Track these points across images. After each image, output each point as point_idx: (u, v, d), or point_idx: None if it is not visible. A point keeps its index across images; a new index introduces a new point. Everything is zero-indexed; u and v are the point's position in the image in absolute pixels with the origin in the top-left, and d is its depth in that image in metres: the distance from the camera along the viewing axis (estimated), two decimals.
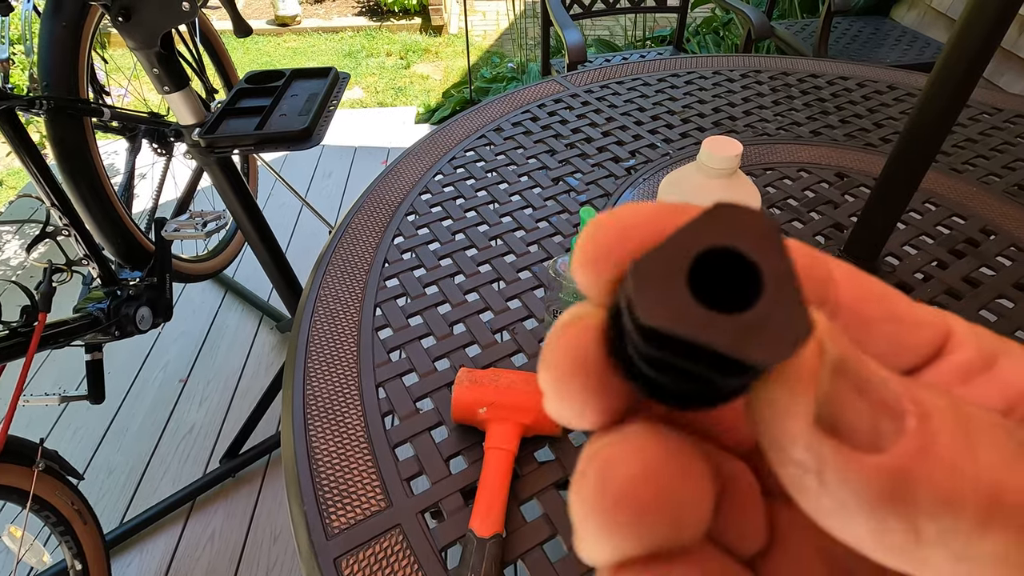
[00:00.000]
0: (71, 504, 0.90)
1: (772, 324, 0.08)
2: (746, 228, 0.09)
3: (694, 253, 0.09)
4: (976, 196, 0.77)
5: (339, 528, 0.46)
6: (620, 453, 0.09)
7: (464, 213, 0.76)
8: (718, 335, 0.08)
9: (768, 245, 0.09)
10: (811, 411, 0.08)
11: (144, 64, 0.79)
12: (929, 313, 0.11)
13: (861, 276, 0.11)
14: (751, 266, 0.08)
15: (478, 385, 0.49)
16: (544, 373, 0.10)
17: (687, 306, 0.08)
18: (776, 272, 0.08)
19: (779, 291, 0.08)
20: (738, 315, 0.08)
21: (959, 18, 0.50)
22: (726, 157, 0.41)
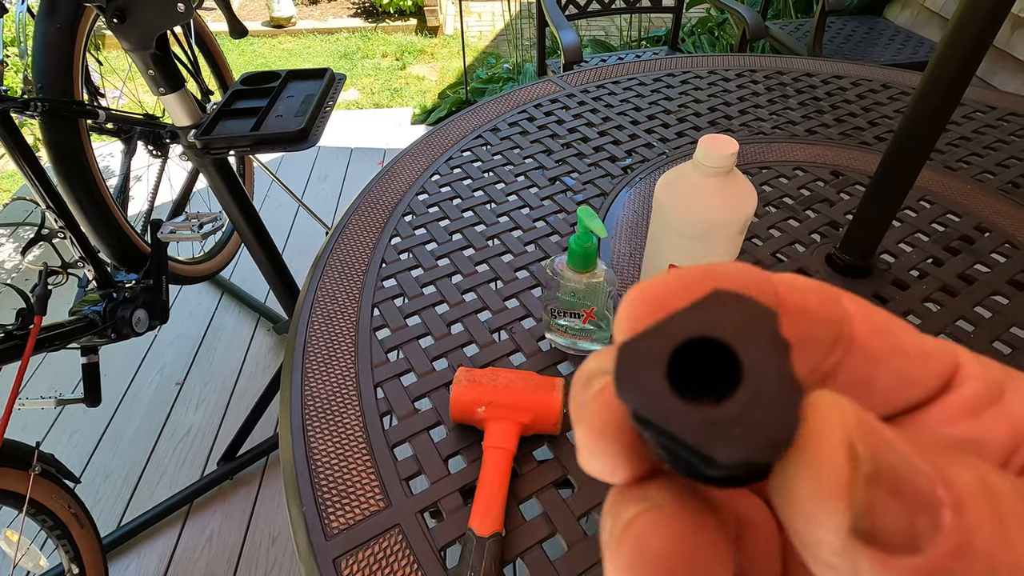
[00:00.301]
0: (67, 508, 0.89)
1: (747, 421, 0.08)
2: (739, 317, 0.08)
3: (677, 341, 0.09)
4: (970, 194, 0.78)
5: (338, 528, 0.46)
6: (653, 526, 0.09)
7: (461, 213, 0.76)
8: (684, 425, 0.08)
9: (758, 337, 0.08)
10: (846, 523, 0.08)
11: (139, 66, 0.79)
12: (936, 346, 0.11)
13: (870, 309, 0.11)
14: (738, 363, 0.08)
15: (476, 384, 0.49)
16: (578, 429, 0.10)
17: (659, 393, 0.08)
18: (759, 367, 0.08)
19: (760, 387, 0.08)
20: (710, 407, 0.08)
21: (952, 17, 0.51)
22: (722, 156, 0.41)
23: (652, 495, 0.09)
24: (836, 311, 0.10)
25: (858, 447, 0.08)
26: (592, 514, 0.46)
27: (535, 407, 0.48)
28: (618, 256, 0.70)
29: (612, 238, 0.72)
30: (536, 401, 0.48)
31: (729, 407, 0.08)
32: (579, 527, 0.45)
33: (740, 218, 0.43)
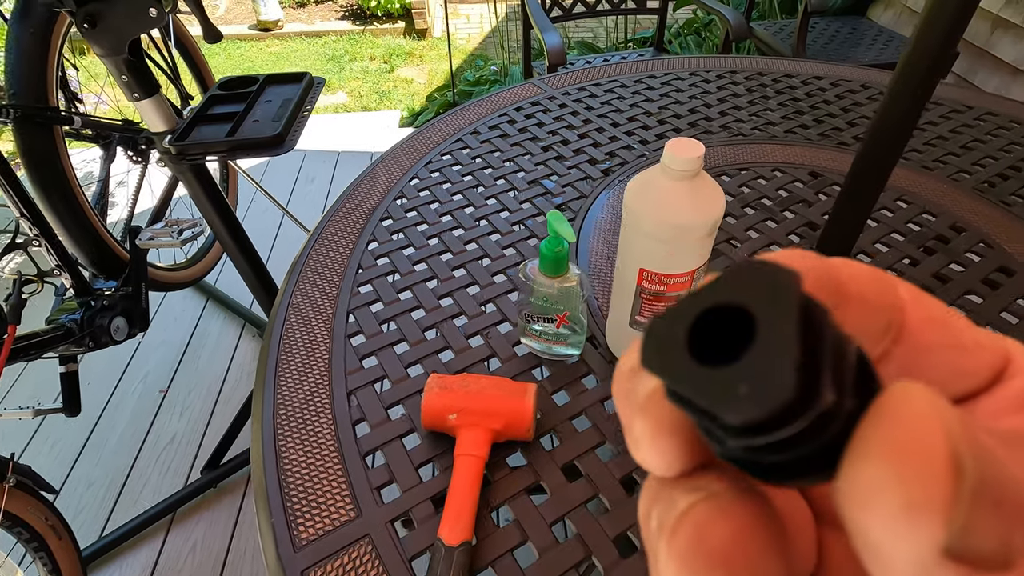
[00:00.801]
0: (44, 519, 0.88)
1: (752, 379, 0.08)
2: (759, 282, 0.08)
3: (699, 309, 0.09)
4: (946, 193, 0.78)
5: (307, 539, 0.45)
6: (712, 514, 0.09)
7: (439, 217, 0.76)
8: (697, 387, 0.08)
9: (775, 299, 0.08)
10: (940, 542, 0.07)
11: (112, 71, 0.78)
12: (988, 338, 0.10)
13: (925, 299, 0.11)
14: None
15: (448, 391, 0.49)
16: (639, 425, 0.10)
17: (677, 357, 0.08)
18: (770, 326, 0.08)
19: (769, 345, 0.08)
20: (721, 368, 0.08)
21: (920, 16, 0.51)
22: (688, 159, 0.41)
23: (706, 484, 0.09)
24: (891, 299, 0.10)
25: (965, 459, 0.07)
26: (565, 519, 0.46)
27: (507, 413, 0.48)
28: (596, 258, 0.70)
29: (590, 240, 0.72)
30: (508, 407, 0.48)
31: (737, 366, 0.08)
32: (551, 534, 0.45)
33: (708, 221, 0.43)
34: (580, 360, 0.57)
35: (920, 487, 0.07)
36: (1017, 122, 0.92)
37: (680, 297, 0.09)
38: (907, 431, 0.07)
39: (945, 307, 0.11)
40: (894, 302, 0.10)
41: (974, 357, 0.10)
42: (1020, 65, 1.77)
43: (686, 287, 0.48)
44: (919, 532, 0.07)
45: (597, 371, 0.57)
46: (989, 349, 0.10)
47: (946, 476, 0.07)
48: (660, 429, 0.09)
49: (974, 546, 0.07)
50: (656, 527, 0.09)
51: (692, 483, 0.09)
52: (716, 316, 0.09)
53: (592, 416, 0.53)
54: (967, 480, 0.07)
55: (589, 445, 0.51)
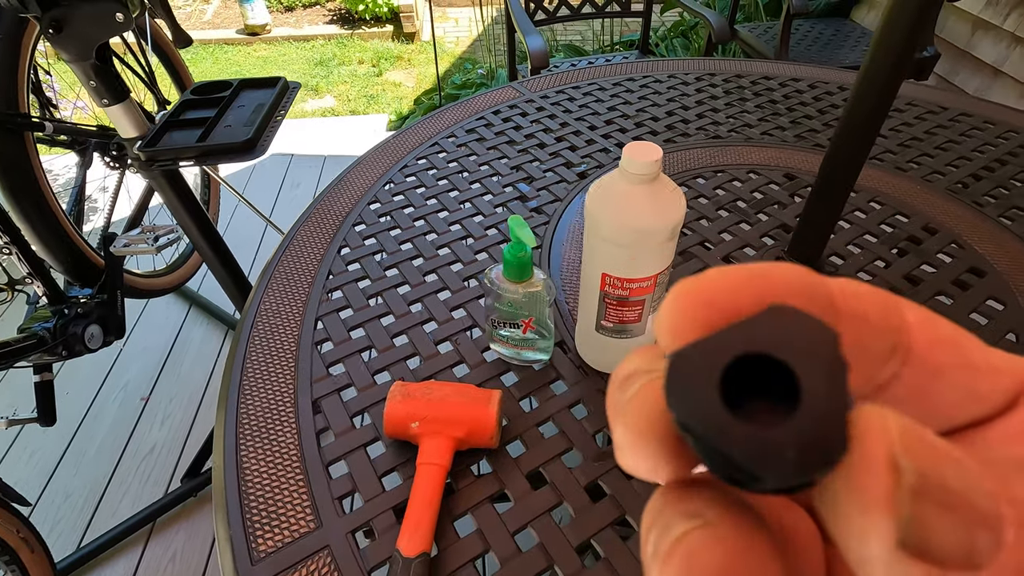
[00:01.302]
0: (16, 532, 0.86)
1: (802, 446, 0.08)
2: (800, 336, 0.08)
3: (733, 355, 0.08)
4: (919, 194, 0.78)
5: (266, 552, 0.44)
6: (704, 544, 0.09)
7: (413, 222, 0.75)
8: (735, 444, 0.08)
9: (818, 359, 0.08)
10: (892, 536, 0.07)
11: (81, 77, 0.77)
12: (1004, 360, 0.10)
13: (935, 320, 0.10)
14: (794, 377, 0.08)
15: (410, 399, 0.48)
16: (620, 430, 0.10)
17: (711, 408, 0.08)
18: (817, 391, 0.08)
19: (816, 411, 0.08)
20: (763, 427, 0.08)
21: (881, 17, 0.51)
22: (646, 163, 0.41)
23: (702, 510, 0.09)
24: (895, 320, 0.10)
25: (900, 459, 0.08)
26: (529, 528, 0.45)
27: (469, 421, 0.47)
28: (569, 262, 0.69)
29: (564, 244, 0.72)
30: (471, 415, 0.47)
31: (784, 430, 0.08)
32: (513, 543, 0.44)
33: (668, 225, 0.43)
34: (549, 365, 0.57)
35: (868, 488, 0.08)
36: (991, 123, 0.93)
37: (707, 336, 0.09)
38: (856, 443, 0.08)
39: (956, 328, 0.10)
40: (898, 324, 0.10)
41: (988, 380, 0.10)
42: (1000, 66, 1.78)
43: (649, 291, 0.47)
44: (875, 530, 0.08)
45: (566, 376, 0.56)
46: (1005, 373, 0.10)
47: (885, 475, 0.08)
48: (638, 432, 0.09)
49: (933, 544, 0.07)
50: (652, 551, 0.09)
51: (689, 506, 0.09)
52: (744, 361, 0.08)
53: (559, 422, 0.52)
54: (906, 477, 0.08)
55: (555, 451, 0.50)
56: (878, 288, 0.10)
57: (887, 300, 0.10)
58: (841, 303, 0.10)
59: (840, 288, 0.10)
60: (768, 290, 0.09)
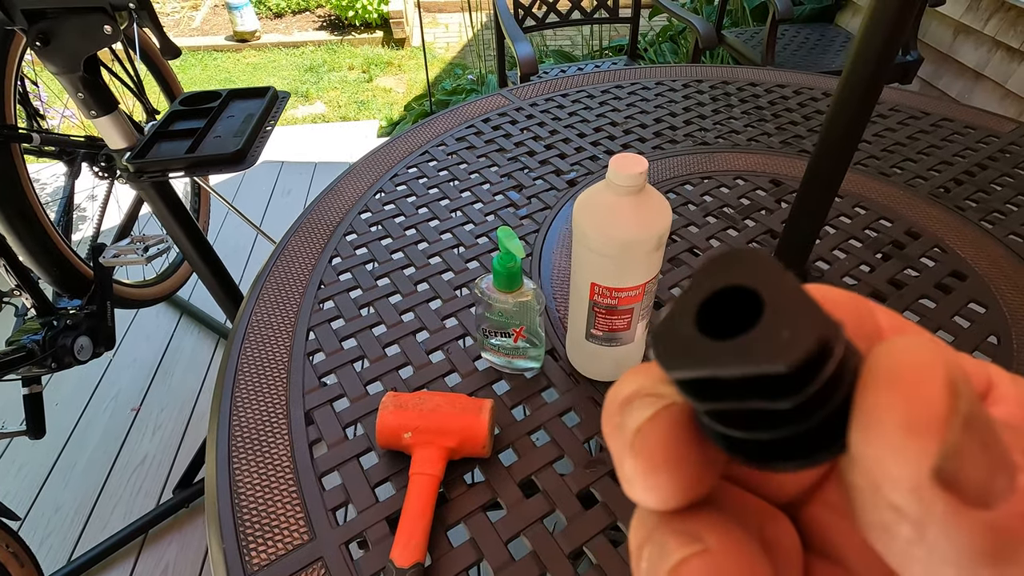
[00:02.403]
0: (5, 547, 0.85)
1: (779, 331, 0.08)
2: (757, 267, 0.09)
3: (698, 300, 0.09)
4: (903, 199, 0.80)
5: (259, 565, 0.45)
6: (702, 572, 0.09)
7: (404, 231, 0.76)
8: (725, 359, 0.08)
9: (768, 272, 0.09)
10: (932, 462, 0.07)
11: (68, 89, 0.77)
12: (971, 364, 0.10)
13: (904, 324, 0.11)
14: (757, 296, 0.09)
15: (403, 409, 0.49)
16: (631, 462, 0.10)
17: (693, 346, 0.08)
18: (778, 294, 0.08)
19: (781, 303, 0.08)
20: (742, 336, 0.08)
21: (861, 22, 0.52)
22: (631, 175, 0.41)
23: (701, 534, 0.09)
24: (868, 326, 0.10)
25: (960, 385, 0.08)
26: (522, 536, 0.46)
27: (461, 431, 0.47)
28: (559, 270, 0.70)
29: (554, 252, 0.72)
30: (462, 425, 0.48)
31: (762, 326, 0.08)
32: (507, 551, 0.45)
33: (654, 235, 0.44)
34: (540, 373, 0.57)
35: (923, 406, 0.08)
36: (972, 127, 0.94)
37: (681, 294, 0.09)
38: (910, 362, 0.08)
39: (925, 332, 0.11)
40: (872, 329, 0.10)
41: None
42: (982, 69, 1.81)
43: (637, 300, 0.48)
44: (917, 449, 0.07)
45: (557, 384, 0.57)
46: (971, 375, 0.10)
47: (944, 398, 0.07)
48: (653, 466, 0.09)
49: (962, 475, 0.07)
50: (646, 571, 0.09)
51: (686, 529, 0.09)
52: (713, 307, 0.09)
53: (551, 430, 0.53)
54: (962, 403, 0.08)
55: (547, 459, 0.51)
56: (853, 293, 0.10)
57: (861, 306, 0.10)
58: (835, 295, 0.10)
59: (819, 296, 0.10)
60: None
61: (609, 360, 0.54)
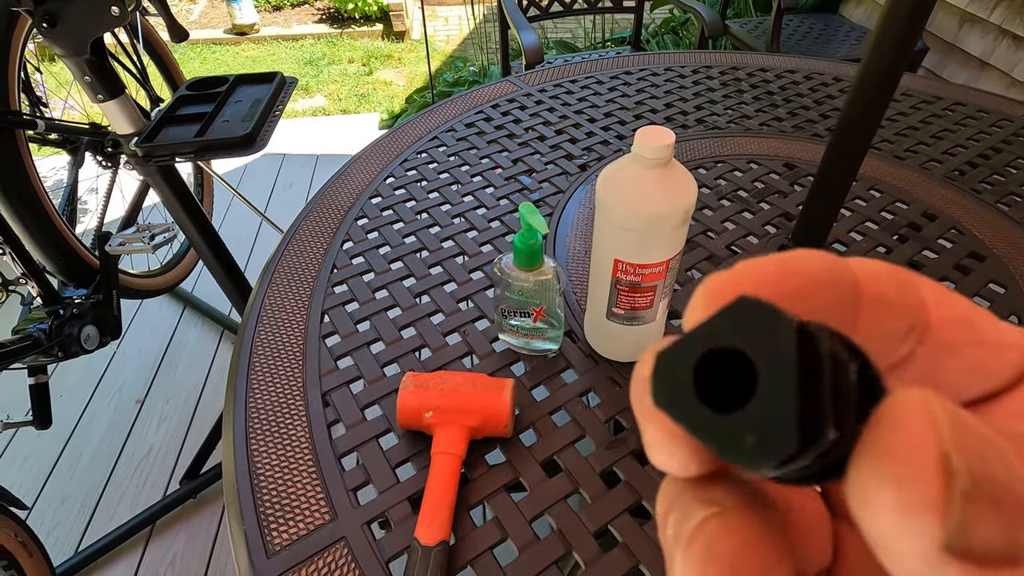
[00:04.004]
0: (14, 536, 0.85)
1: (759, 431, 0.08)
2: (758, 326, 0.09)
3: (699, 352, 0.09)
4: (918, 182, 0.79)
5: (281, 545, 0.44)
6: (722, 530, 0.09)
7: (416, 215, 0.75)
8: (707, 435, 0.09)
9: (776, 345, 0.08)
10: (939, 538, 0.07)
11: (75, 72, 0.76)
12: (1015, 335, 0.10)
13: (950, 297, 0.10)
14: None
15: (423, 389, 0.48)
16: (651, 429, 0.10)
17: (685, 401, 0.09)
18: (772, 378, 0.08)
19: (770, 396, 0.08)
20: (727, 415, 0.08)
21: (881, 10, 0.51)
22: (658, 147, 0.41)
23: (719, 498, 0.10)
24: (913, 298, 0.10)
25: (954, 460, 0.07)
26: (546, 515, 0.45)
27: (484, 410, 0.47)
28: (573, 253, 0.69)
29: (568, 235, 0.72)
30: (485, 403, 0.47)
31: (741, 415, 0.08)
32: (531, 531, 0.44)
33: (680, 209, 0.43)
34: (559, 354, 0.57)
35: (914, 488, 0.07)
36: (985, 111, 0.94)
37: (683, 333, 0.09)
38: (902, 435, 0.08)
39: (970, 304, 0.10)
40: (916, 302, 0.10)
41: (998, 355, 0.10)
42: (987, 58, 1.81)
43: (661, 277, 0.47)
44: (919, 531, 0.07)
45: (576, 365, 0.56)
46: (1015, 347, 0.10)
47: (937, 477, 0.07)
48: (670, 435, 0.10)
49: (977, 543, 0.07)
50: (672, 535, 0.10)
51: (707, 495, 0.10)
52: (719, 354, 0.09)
53: (571, 410, 0.52)
54: (959, 480, 0.07)
55: (568, 440, 0.50)
56: (896, 266, 0.10)
57: (905, 279, 0.10)
58: (865, 286, 0.10)
59: (862, 270, 0.10)
60: (793, 280, 0.09)
61: (630, 339, 0.53)
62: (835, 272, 0.10)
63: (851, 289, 0.10)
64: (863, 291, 0.10)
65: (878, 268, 0.10)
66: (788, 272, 0.09)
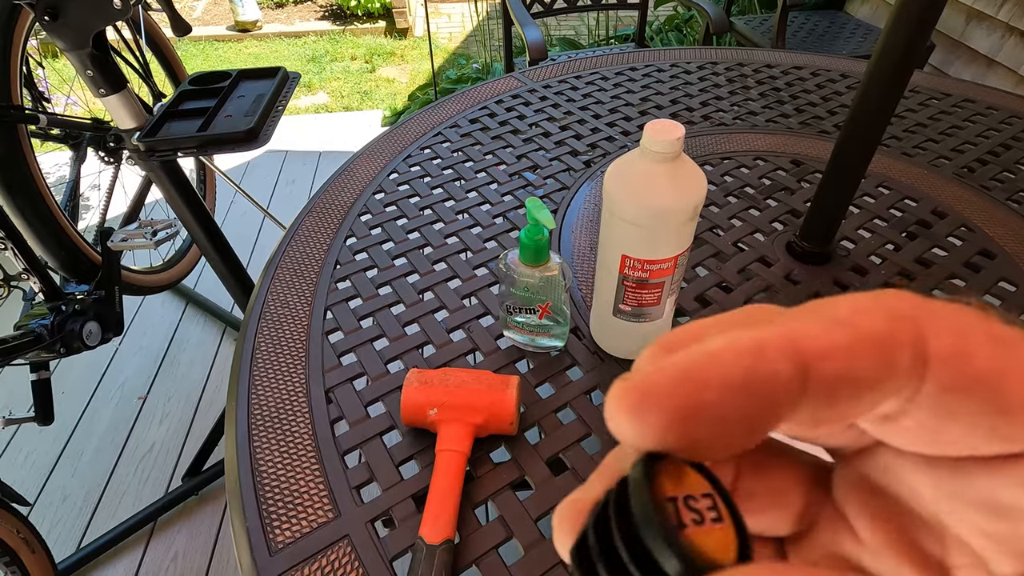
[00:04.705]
0: (16, 532, 0.85)
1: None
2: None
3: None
4: (927, 179, 0.78)
5: (284, 543, 0.43)
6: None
7: (419, 211, 0.74)
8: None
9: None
10: None
11: (77, 66, 0.75)
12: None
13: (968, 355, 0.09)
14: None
15: (428, 386, 0.47)
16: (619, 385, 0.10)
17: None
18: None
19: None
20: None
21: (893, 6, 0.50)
22: (667, 141, 0.40)
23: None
24: (900, 365, 0.09)
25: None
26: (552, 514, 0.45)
27: (488, 407, 0.46)
28: (579, 250, 0.69)
29: (573, 232, 0.71)
30: (489, 401, 0.46)
31: None
32: (536, 529, 0.44)
33: (690, 204, 0.42)
34: (564, 352, 0.56)
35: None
36: (994, 108, 0.93)
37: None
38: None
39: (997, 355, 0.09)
40: (904, 367, 0.09)
41: (1017, 424, 0.09)
42: (994, 56, 1.79)
43: (669, 273, 0.47)
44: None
45: (582, 362, 0.55)
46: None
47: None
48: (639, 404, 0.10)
49: None
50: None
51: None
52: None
53: (577, 408, 0.52)
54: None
55: (574, 438, 0.50)
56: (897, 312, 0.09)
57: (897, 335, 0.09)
58: (815, 370, 0.09)
59: (818, 345, 0.09)
60: (702, 397, 0.09)
61: (636, 337, 0.52)
62: (753, 374, 0.09)
63: (777, 385, 0.09)
64: (811, 375, 0.09)
65: (844, 339, 0.09)
66: (696, 387, 0.09)
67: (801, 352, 0.09)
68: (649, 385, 0.09)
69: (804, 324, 0.09)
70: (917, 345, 0.09)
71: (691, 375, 0.09)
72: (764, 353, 0.09)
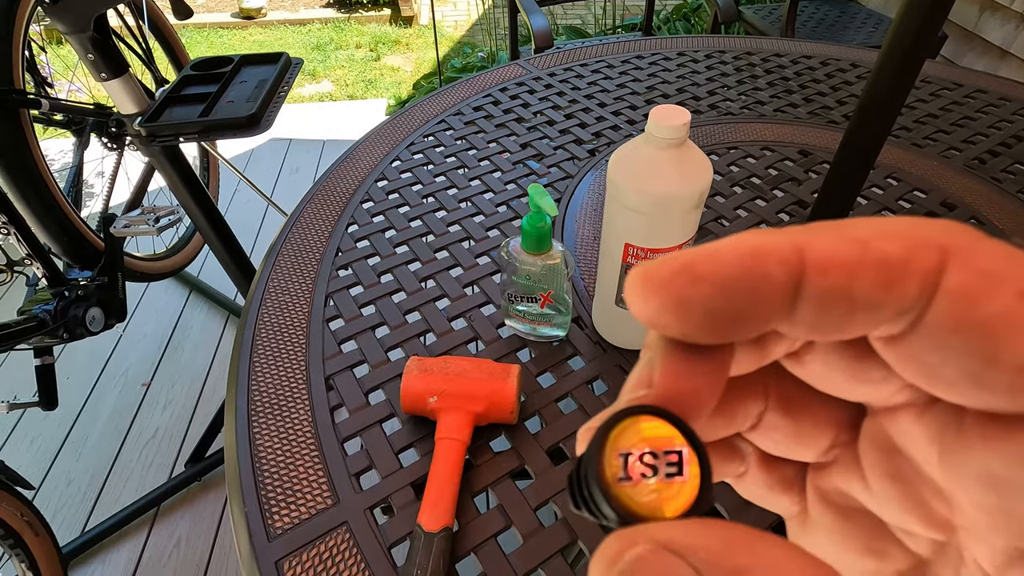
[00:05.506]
0: (20, 515, 0.85)
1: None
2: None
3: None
4: (936, 170, 0.77)
5: (282, 528, 0.43)
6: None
7: (422, 199, 0.74)
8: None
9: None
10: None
11: (78, 50, 0.75)
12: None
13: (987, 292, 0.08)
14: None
15: (427, 373, 0.47)
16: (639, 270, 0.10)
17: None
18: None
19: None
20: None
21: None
22: (673, 127, 0.39)
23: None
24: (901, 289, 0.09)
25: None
26: (551, 503, 0.45)
27: (488, 395, 0.46)
28: (582, 239, 0.68)
29: (576, 221, 0.70)
30: (490, 389, 0.46)
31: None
32: (536, 518, 0.44)
33: (695, 191, 0.42)
34: (566, 341, 0.56)
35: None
36: (1007, 99, 0.91)
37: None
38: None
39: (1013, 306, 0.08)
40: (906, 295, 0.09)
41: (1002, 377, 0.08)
42: (1008, 47, 1.76)
43: None
44: None
45: (583, 352, 0.55)
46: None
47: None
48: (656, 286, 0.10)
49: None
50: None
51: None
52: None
53: (578, 398, 0.51)
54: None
55: (575, 427, 0.49)
56: (924, 240, 0.09)
57: (910, 262, 0.09)
58: (810, 278, 0.09)
59: (820, 255, 0.09)
60: (698, 289, 0.10)
61: (639, 327, 0.52)
62: (744, 274, 0.09)
63: (767, 288, 0.09)
64: (805, 284, 0.09)
65: (849, 257, 0.09)
66: (693, 278, 0.09)
67: (802, 262, 0.09)
68: (653, 272, 0.10)
69: (818, 236, 0.09)
70: (929, 276, 0.09)
71: (689, 268, 0.10)
72: (762, 257, 0.09)
